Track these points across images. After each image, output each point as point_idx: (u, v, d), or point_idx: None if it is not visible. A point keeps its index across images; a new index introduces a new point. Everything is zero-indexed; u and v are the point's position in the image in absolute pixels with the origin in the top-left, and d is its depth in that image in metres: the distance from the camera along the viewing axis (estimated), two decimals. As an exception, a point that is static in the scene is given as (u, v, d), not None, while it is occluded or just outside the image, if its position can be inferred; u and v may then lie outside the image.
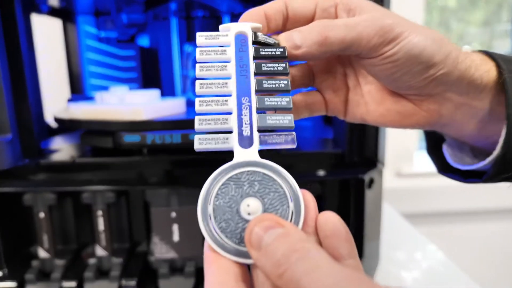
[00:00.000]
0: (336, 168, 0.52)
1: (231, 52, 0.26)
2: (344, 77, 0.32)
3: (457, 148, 0.34)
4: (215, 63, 0.26)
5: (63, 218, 0.55)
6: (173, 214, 0.51)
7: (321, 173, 0.51)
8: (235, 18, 0.78)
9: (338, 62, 0.32)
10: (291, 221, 0.22)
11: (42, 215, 0.51)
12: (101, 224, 0.52)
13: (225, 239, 0.21)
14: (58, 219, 0.54)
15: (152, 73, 0.84)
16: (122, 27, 0.82)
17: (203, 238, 0.21)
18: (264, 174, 0.23)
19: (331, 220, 0.22)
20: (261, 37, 0.27)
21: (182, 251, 0.52)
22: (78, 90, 0.83)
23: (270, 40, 0.27)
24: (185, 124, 0.50)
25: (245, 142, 0.24)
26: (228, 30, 0.27)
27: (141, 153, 0.53)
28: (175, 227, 0.51)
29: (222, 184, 0.22)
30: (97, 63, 0.83)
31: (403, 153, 1.31)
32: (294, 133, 0.25)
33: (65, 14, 0.79)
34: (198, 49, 0.26)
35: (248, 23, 0.27)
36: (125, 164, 0.52)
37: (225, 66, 0.26)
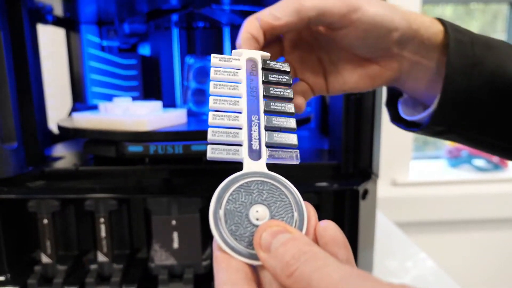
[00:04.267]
0: (332, 179, 0.54)
1: (242, 75, 0.29)
2: (318, 61, 0.37)
3: (411, 105, 0.39)
4: (228, 82, 0.28)
5: (66, 225, 0.56)
6: (173, 222, 0.52)
7: (318, 184, 0.52)
8: (235, 29, 0.80)
9: (311, 51, 0.37)
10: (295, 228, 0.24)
11: (45, 221, 0.53)
12: (102, 231, 0.53)
13: (234, 242, 0.22)
14: (61, 225, 0.56)
15: (153, 82, 0.86)
16: (124, 36, 0.84)
17: (205, 243, 0.23)
18: (271, 184, 0.25)
19: (330, 227, 0.24)
20: (270, 63, 0.30)
21: (181, 258, 0.53)
22: (80, 98, 0.85)
23: (278, 66, 0.30)
24: (187, 135, 0.52)
25: (254, 154, 0.26)
26: (240, 55, 0.30)
27: (142, 162, 0.55)
28: (175, 235, 0.53)
29: (233, 191, 0.24)
30: (99, 71, 0.85)
31: (398, 163, 1.33)
32: (298, 150, 0.27)
33: (69, 23, 0.80)
34: (212, 69, 0.29)
35: (258, 51, 0.31)
36: (127, 172, 0.54)
37: (237, 86, 0.28)
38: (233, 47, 0.80)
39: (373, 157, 0.54)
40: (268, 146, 0.27)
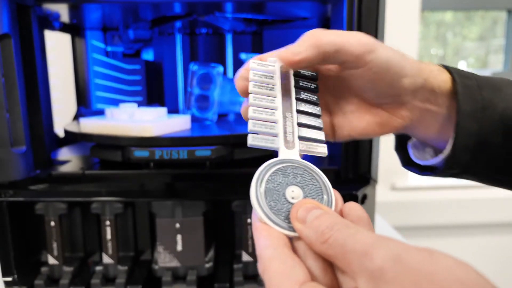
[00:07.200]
0: (332, 184, 0.55)
1: (277, 79, 0.33)
2: (326, 106, 0.37)
3: (421, 148, 0.39)
4: (265, 84, 0.32)
5: (72, 227, 0.57)
6: (177, 225, 0.54)
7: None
8: (237, 35, 0.81)
9: (319, 95, 0.37)
10: None
11: (52, 223, 0.54)
12: (108, 233, 0.54)
13: (273, 215, 0.25)
14: (67, 227, 0.57)
15: (156, 87, 0.87)
16: (128, 42, 0.85)
17: (208, 246, 0.24)
18: (304, 170, 0.28)
19: (356, 208, 0.26)
20: (300, 71, 0.34)
21: (185, 260, 0.55)
22: (84, 102, 0.86)
23: (307, 74, 0.34)
24: (192, 141, 0.53)
25: (289, 145, 0.30)
26: (275, 62, 0.33)
27: (147, 167, 0.56)
28: (179, 237, 0.54)
29: (272, 173, 0.27)
30: (103, 76, 0.86)
31: (397, 167, 1.35)
32: (325, 145, 0.31)
33: (75, 29, 0.82)
34: (251, 71, 0.32)
35: None
36: (132, 176, 0.55)
37: (273, 87, 0.32)
38: (235, 53, 0.81)
39: (371, 163, 0.56)
40: (300, 139, 0.30)
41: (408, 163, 0.41)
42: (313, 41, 0.31)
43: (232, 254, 0.58)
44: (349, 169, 0.55)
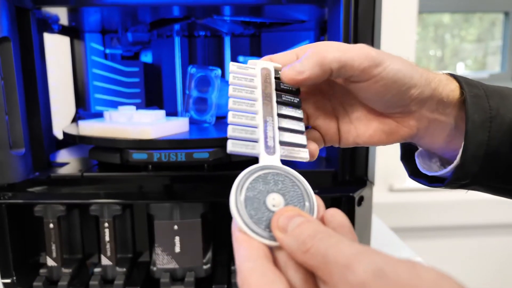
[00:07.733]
0: (329, 186, 0.55)
1: (257, 82, 0.32)
2: (333, 111, 0.37)
3: (428, 158, 0.39)
4: (245, 87, 0.32)
5: (71, 229, 0.58)
6: (175, 227, 0.54)
7: (315, 190, 0.54)
8: (235, 37, 0.82)
9: (326, 100, 0.37)
10: None
11: (51, 225, 0.54)
12: (106, 235, 0.55)
13: (253, 224, 0.24)
14: (66, 229, 0.57)
15: (154, 89, 0.87)
16: (127, 44, 0.85)
17: (206, 247, 0.24)
18: (285, 176, 0.27)
19: (338, 214, 0.26)
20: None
21: (182, 261, 0.55)
22: (83, 104, 0.86)
23: None
24: (190, 143, 0.54)
25: (269, 150, 0.29)
26: (255, 65, 0.33)
27: (146, 169, 0.56)
28: (177, 239, 0.54)
29: (252, 180, 0.26)
30: (102, 78, 0.87)
31: (395, 169, 1.35)
32: (307, 149, 0.31)
33: (74, 32, 0.82)
34: (231, 74, 0.32)
35: (271, 62, 0.33)
36: (131, 179, 0.56)
37: (253, 91, 0.32)
38: (233, 55, 0.82)
39: (368, 165, 0.56)
40: (281, 144, 0.30)
41: (415, 174, 0.40)
42: (318, 59, 0.30)
43: (230, 256, 0.58)
44: (346, 171, 0.56)
